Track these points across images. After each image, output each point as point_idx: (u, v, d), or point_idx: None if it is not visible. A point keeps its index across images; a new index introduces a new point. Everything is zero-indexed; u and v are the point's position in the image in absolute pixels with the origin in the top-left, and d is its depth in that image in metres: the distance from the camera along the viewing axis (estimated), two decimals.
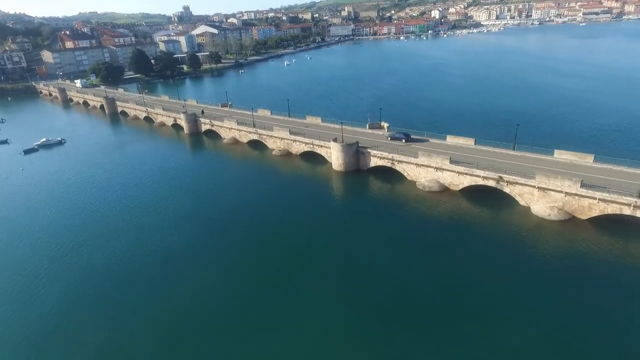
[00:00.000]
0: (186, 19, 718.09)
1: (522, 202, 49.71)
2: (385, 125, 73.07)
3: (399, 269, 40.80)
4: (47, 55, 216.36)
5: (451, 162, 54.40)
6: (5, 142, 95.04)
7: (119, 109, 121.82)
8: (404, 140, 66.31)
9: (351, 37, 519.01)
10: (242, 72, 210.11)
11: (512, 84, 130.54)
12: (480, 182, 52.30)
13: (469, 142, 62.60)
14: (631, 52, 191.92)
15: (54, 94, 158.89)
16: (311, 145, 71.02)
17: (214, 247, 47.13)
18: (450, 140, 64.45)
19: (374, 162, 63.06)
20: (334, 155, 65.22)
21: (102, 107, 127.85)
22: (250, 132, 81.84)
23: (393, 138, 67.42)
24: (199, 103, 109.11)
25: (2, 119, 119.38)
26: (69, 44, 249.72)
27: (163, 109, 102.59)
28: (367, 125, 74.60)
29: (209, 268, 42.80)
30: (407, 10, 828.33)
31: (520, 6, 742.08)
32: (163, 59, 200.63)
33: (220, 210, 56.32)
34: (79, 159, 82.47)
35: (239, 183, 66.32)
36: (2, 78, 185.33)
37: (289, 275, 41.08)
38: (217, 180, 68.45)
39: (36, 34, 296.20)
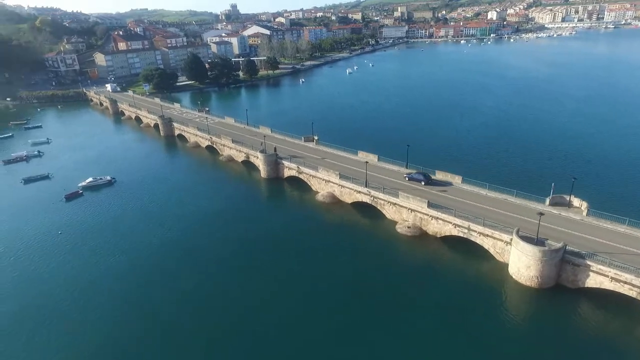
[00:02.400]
0: (234, 17, 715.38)
1: None
2: (584, 205, 47.95)
3: None
4: (99, 58, 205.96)
5: None
6: (46, 177, 78.12)
7: (176, 131, 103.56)
8: (423, 183, 58.33)
9: (405, 39, 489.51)
10: (302, 82, 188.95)
11: None
12: None
13: None
14: None
15: (104, 104, 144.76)
16: (466, 230, 47.40)
17: None
18: None
19: (595, 281, 38.51)
20: (520, 260, 41.24)
21: (156, 126, 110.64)
22: (359, 192, 59.30)
23: (411, 179, 60.02)
24: (273, 132, 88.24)
25: (48, 138, 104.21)
26: (122, 45, 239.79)
27: (232, 141, 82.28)
28: (548, 200, 49.87)
29: None
30: (460, 10, 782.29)
31: (590, 7, 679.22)
32: (219, 64, 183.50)
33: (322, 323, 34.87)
34: (133, 210, 63.50)
35: (344, 275, 44.55)
36: (54, 83, 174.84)
37: None
38: (311, 257, 47.97)
39: (90, 33, 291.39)
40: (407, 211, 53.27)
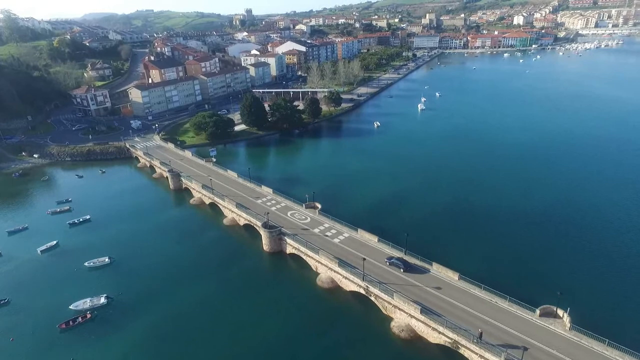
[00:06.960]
0: (249, 22, 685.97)
1: None
2: None
3: None
4: (135, 94, 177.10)
5: None
6: None
7: (288, 247, 74.88)
8: (402, 270, 59.90)
9: (437, 49, 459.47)
10: (378, 126, 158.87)
11: None
12: None
13: None
14: None
15: (157, 170, 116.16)
16: None
17: None
18: None
19: None
20: None
21: (247, 226, 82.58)
22: None
23: (391, 264, 61.79)
24: (437, 267, 59.35)
25: (110, 258, 74.71)
26: (155, 73, 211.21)
27: (395, 298, 53.41)
28: None
29: None
30: (479, 14, 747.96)
31: (625, 12, 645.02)
32: (281, 107, 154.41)
33: None
34: None
35: None
36: (91, 136, 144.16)
37: None
38: None
39: (114, 54, 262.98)
40: None
